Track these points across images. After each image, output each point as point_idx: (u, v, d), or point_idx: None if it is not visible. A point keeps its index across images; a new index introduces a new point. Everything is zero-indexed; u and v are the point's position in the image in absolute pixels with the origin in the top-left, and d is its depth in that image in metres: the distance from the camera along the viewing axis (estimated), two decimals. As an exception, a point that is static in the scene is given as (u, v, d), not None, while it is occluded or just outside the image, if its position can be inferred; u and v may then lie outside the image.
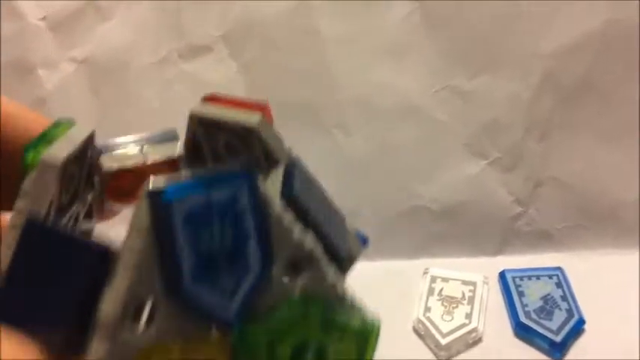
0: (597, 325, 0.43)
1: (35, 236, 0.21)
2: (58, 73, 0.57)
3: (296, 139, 0.25)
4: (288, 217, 0.21)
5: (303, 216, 0.22)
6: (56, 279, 0.19)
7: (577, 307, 0.43)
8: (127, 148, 0.25)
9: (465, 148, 0.50)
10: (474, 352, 0.43)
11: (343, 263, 0.24)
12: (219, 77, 0.54)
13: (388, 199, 0.52)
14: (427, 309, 0.45)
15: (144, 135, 0.25)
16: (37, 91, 0.56)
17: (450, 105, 0.51)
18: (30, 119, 0.26)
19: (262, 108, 0.24)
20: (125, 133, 0.26)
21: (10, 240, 0.21)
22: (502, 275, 0.47)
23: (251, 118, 0.22)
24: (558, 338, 0.41)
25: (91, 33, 0.56)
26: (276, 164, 0.23)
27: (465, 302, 0.45)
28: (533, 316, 0.43)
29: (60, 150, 0.21)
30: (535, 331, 0.42)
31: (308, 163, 0.23)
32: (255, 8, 0.53)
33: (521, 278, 0.46)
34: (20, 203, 0.21)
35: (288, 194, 0.22)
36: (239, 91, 0.54)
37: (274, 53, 0.53)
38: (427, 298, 0.46)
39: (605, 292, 0.46)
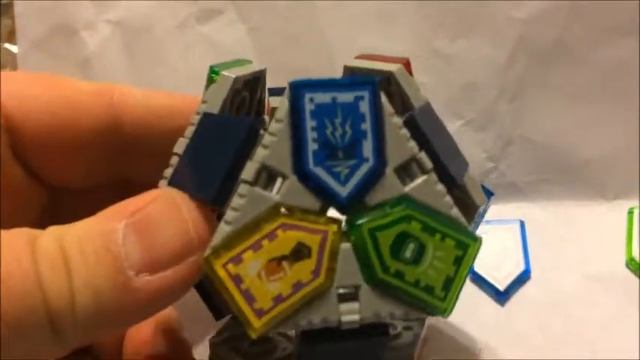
0: (542, 274, 0.49)
1: (207, 122, 0.26)
2: (97, 35, 0.64)
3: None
4: (404, 130, 0.24)
5: (420, 138, 0.25)
6: (218, 151, 0.25)
7: (527, 258, 0.49)
8: None
9: (445, 108, 0.55)
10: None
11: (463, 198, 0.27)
12: (230, 40, 0.60)
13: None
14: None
15: None
16: (83, 52, 0.64)
17: (433, 68, 0.55)
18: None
19: (403, 62, 0.28)
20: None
21: (188, 133, 0.27)
22: (468, 225, 0.53)
23: (392, 66, 0.26)
24: (502, 287, 0.48)
25: (120, -3, 0.63)
26: (412, 109, 0.26)
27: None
28: (485, 265, 0.49)
29: (234, 71, 0.29)
30: (484, 279, 0.49)
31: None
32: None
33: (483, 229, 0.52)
34: (201, 107, 0.28)
35: (407, 118, 0.25)
36: (248, 54, 0.60)
37: (275, 19, 0.58)
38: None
39: (561, 240, 0.51)
